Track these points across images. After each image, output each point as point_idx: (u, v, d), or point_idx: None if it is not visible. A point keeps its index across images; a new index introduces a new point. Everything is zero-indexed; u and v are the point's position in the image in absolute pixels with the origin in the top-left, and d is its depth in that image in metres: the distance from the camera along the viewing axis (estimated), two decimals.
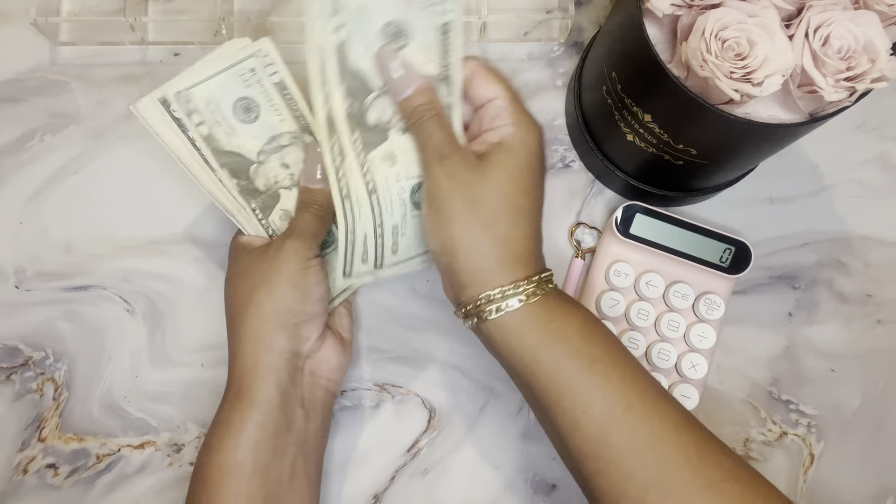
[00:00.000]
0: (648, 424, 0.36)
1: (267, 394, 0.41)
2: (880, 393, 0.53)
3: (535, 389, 0.38)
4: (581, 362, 0.37)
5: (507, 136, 0.39)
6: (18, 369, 0.51)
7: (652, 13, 0.39)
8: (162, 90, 0.42)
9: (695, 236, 0.51)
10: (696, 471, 0.35)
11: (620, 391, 0.36)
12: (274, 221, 0.47)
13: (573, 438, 0.37)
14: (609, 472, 0.36)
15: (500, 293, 0.37)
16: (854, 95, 0.37)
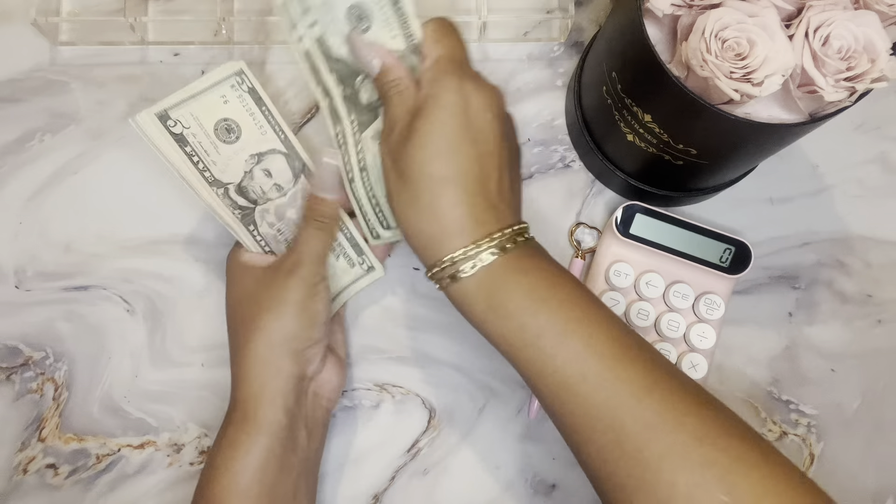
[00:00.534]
0: (604, 393, 0.34)
1: (275, 417, 0.41)
2: (880, 393, 0.53)
3: (497, 349, 0.38)
4: (525, 338, 0.36)
5: (421, 102, 0.38)
6: (18, 369, 0.51)
7: (652, 13, 0.39)
8: (160, 105, 0.43)
9: (695, 236, 0.51)
10: (654, 435, 0.33)
11: (572, 362, 0.35)
12: (266, 234, 0.47)
13: (540, 400, 0.37)
14: (569, 432, 0.36)
15: (438, 269, 0.37)
16: (854, 95, 0.37)
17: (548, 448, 0.52)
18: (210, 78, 0.44)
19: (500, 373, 0.52)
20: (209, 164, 0.44)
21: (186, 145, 0.43)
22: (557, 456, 0.51)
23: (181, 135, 0.43)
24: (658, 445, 0.33)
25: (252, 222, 0.46)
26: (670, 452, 0.33)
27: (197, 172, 0.44)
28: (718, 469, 0.33)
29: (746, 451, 0.34)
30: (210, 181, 0.44)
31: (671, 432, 0.34)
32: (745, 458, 0.33)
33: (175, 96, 0.43)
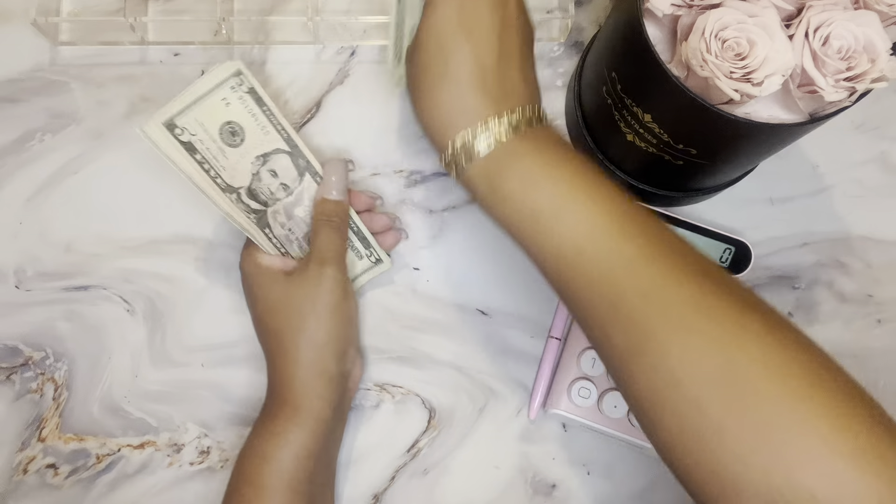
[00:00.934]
0: (599, 267, 0.35)
1: (323, 412, 0.44)
2: (880, 393, 0.53)
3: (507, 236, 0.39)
4: (523, 219, 0.37)
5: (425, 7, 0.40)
6: (18, 369, 0.51)
7: (652, 13, 0.39)
8: (163, 113, 0.42)
9: (695, 236, 0.51)
10: (650, 304, 0.34)
11: (568, 238, 0.36)
12: (279, 235, 0.47)
13: (540, 273, 0.38)
14: (572, 307, 0.37)
15: (450, 153, 0.38)
16: (854, 95, 0.37)
17: (548, 448, 0.52)
18: (209, 80, 0.43)
19: (500, 373, 0.52)
20: (219, 169, 0.44)
21: (196, 153, 0.43)
22: (557, 456, 0.51)
23: (189, 142, 0.43)
24: (652, 312, 0.34)
25: (266, 225, 0.46)
26: (664, 319, 0.33)
27: (209, 180, 0.44)
28: (712, 337, 0.32)
29: (747, 321, 0.33)
30: (223, 187, 0.44)
31: (666, 300, 0.34)
32: (746, 326, 0.33)
33: (178, 102, 0.42)
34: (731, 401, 0.31)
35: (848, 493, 0.29)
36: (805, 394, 0.31)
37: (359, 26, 0.56)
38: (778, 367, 0.32)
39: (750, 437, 0.31)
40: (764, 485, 0.30)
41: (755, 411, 0.31)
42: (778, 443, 0.30)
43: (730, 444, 0.31)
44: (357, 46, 0.56)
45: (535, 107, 0.39)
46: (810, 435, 0.30)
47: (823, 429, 0.30)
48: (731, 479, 0.31)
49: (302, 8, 0.55)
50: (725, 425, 0.31)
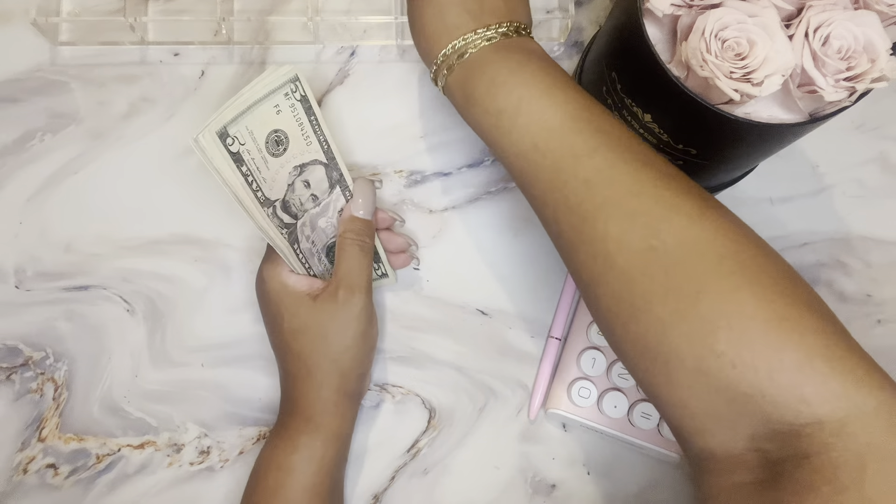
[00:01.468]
0: (552, 158, 0.37)
1: (344, 429, 0.47)
2: None
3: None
4: (489, 121, 0.39)
5: None
6: (18, 369, 0.51)
7: (652, 13, 0.39)
8: (218, 121, 0.39)
9: None
10: (593, 191, 0.35)
11: (525, 134, 0.37)
12: (304, 249, 0.47)
13: (513, 178, 0.40)
14: (531, 197, 0.39)
15: (436, 66, 0.41)
16: (854, 95, 0.37)
17: (548, 448, 0.52)
18: (265, 85, 0.40)
19: (500, 373, 0.52)
20: (260, 181, 0.42)
21: (242, 164, 0.40)
22: (557, 456, 0.51)
23: (238, 153, 0.40)
24: (594, 199, 0.35)
25: (296, 240, 0.45)
26: (605, 204, 0.35)
27: (251, 193, 0.41)
28: (648, 218, 0.34)
29: (682, 202, 0.34)
30: (262, 201, 0.42)
31: (607, 187, 0.35)
32: (678, 208, 0.34)
33: (232, 108, 0.39)
34: (659, 274, 0.33)
35: (762, 359, 0.30)
36: (729, 269, 0.32)
37: (359, 26, 0.56)
38: (706, 245, 0.33)
39: (674, 306, 0.32)
40: (688, 352, 0.32)
41: (682, 284, 0.32)
42: (702, 311, 0.32)
43: (656, 312, 0.33)
44: (357, 46, 0.56)
45: (515, 23, 0.41)
46: (731, 303, 0.32)
47: (746, 298, 0.31)
48: (657, 347, 0.33)
49: (302, 8, 0.55)
50: (653, 296, 0.33)
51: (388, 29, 0.55)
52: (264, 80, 0.40)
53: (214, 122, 0.38)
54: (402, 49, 0.56)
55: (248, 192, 0.41)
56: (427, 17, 0.41)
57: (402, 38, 0.55)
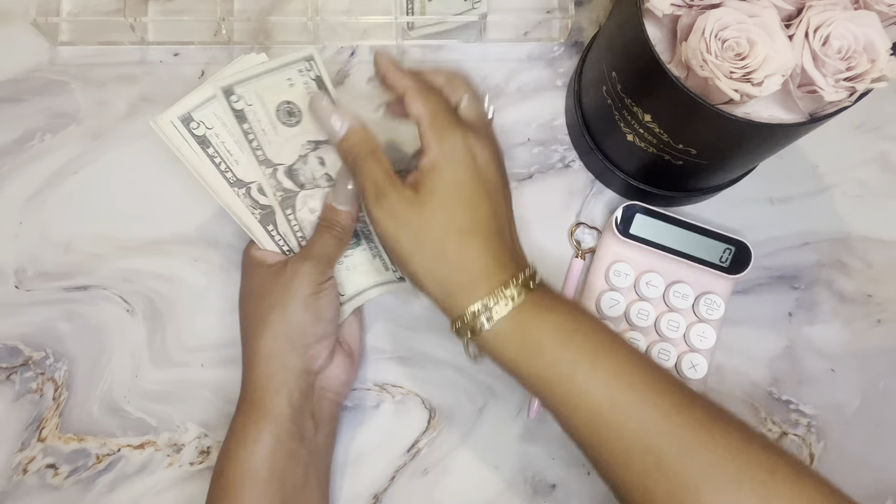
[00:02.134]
0: (637, 418, 0.36)
1: (280, 408, 0.43)
2: (880, 393, 0.53)
3: (531, 394, 0.39)
4: (558, 372, 0.37)
5: (430, 160, 0.39)
6: (18, 369, 0.51)
7: (652, 13, 0.39)
8: (182, 106, 0.42)
9: (695, 236, 0.51)
10: (691, 455, 0.35)
11: (604, 391, 0.36)
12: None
13: (570, 432, 0.38)
14: (608, 462, 0.37)
15: (470, 314, 0.38)
16: (854, 95, 0.37)
17: (548, 448, 0.52)
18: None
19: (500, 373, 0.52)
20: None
21: (209, 146, 0.43)
22: (557, 456, 0.51)
23: (203, 136, 0.43)
24: (696, 465, 0.35)
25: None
26: (708, 470, 0.34)
27: (218, 174, 0.44)
28: (754, 483, 0.34)
29: (775, 462, 0.35)
30: (232, 182, 0.44)
31: (706, 451, 0.35)
32: (777, 471, 0.35)
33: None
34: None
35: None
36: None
37: (359, 26, 0.56)
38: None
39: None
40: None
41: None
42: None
43: None
44: (357, 46, 0.56)
45: (532, 266, 0.40)
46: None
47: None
48: None
49: (302, 8, 0.55)
50: None
51: (388, 29, 0.55)
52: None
53: (177, 108, 0.41)
54: (402, 49, 0.56)
55: (214, 172, 0.44)
56: (458, 254, 0.38)
57: (402, 38, 0.55)
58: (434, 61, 0.56)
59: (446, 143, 0.39)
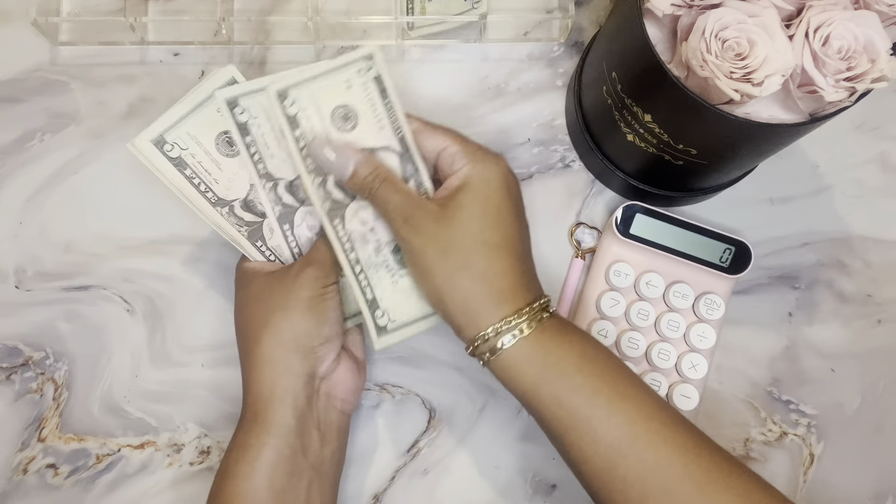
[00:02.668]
0: (655, 454, 0.35)
1: (284, 418, 0.41)
2: (880, 393, 0.53)
3: (543, 422, 0.38)
4: (582, 398, 0.37)
5: (466, 177, 0.39)
6: (18, 369, 0.51)
7: (652, 13, 0.39)
8: (154, 129, 0.42)
9: (695, 236, 0.51)
10: (707, 497, 0.35)
11: (625, 423, 0.36)
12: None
13: (583, 469, 0.37)
14: (617, 491, 0.36)
15: (492, 331, 0.38)
16: (854, 95, 0.37)
17: (547, 448, 0.51)
18: (204, 91, 0.43)
19: None
20: (210, 183, 0.44)
21: (186, 168, 0.43)
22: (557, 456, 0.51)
23: (179, 158, 0.43)
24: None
25: (260, 237, 0.46)
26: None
27: (198, 195, 0.44)
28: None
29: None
30: (213, 202, 0.44)
31: (722, 493, 0.35)
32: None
33: (169, 116, 0.42)
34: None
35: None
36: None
37: (359, 26, 0.56)
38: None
39: None
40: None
41: None
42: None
43: None
44: (357, 46, 0.56)
45: (543, 298, 0.40)
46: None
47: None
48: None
49: (302, 8, 0.55)
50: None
51: (388, 29, 0.55)
52: (204, 85, 0.43)
53: (149, 130, 0.42)
54: (402, 49, 0.56)
55: (194, 193, 0.44)
56: (499, 270, 0.38)
57: (402, 38, 0.55)
58: (434, 61, 0.56)
59: (480, 163, 0.40)
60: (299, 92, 0.40)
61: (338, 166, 0.41)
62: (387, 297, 0.44)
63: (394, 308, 0.44)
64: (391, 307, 0.44)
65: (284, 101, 0.40)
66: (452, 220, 0.39)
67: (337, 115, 0.42)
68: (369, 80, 0.41)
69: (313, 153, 0.41)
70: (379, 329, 0.44)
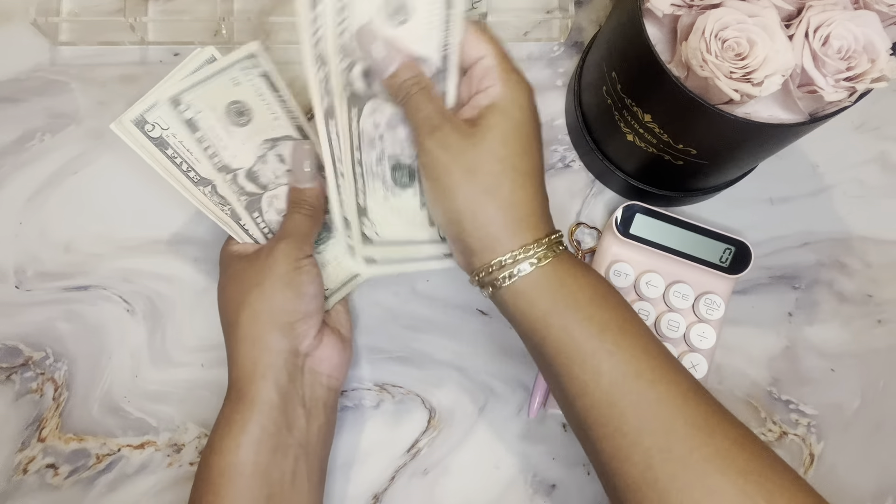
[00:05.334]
0: (655, 392, 0.35)
1: (266, 394, 0.41)
2: (880, 393, 0.53)
3: (546, 354, 0.38)
4: (591, 329, 0.36)
5: (497, 97, 0.38)
6: (18, 369, 0.51)
7: (652, 13, 0.39)
8: (136, 108, 0.42)
9: (695, 236, 0.51)
10: (703, 438, 0.35)
11: (630, 359, 0.36)
12: (271, 221, 0.47)
13: (581, 403, 0.37)
14: (615, 437, 0.36)
15: (510, 258, 0.37)
16: (854, 95, 0.37)
17: (548, 448, 0.52)
18: (221, 61, 0.43)
19: (500, 373, 0.52)
20: (192, 162, 0.44)
21: (167, 148, 0.43)
22: (557, 456, 0.51)
23: (160, 138, 0.43)
24: (706, 448, 0.34)
25: (258, 209, 0.46)
26: (716, 456, 0.34)
27: (181, 174, 0.44)
28: (758, 476, 0.34)
29: (774, 461, 0.35)
30: (196, 181, 0.44)
31: (717, 435, 0.35)
32: (776, 469, 0.35)
33: (150, 97, 0.42)
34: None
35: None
36: None
37: None
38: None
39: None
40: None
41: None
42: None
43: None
44: None
45: (557, 232, 0.40)
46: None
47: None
48: None
49: None
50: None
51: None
52: (222, 59, 0.43)
53: (131, 111, 0.42)
54: None
55: (177, 172, 0.44)
56: (525, 196, 0.38)
57: None
58: None
59: (513, 84, 0.38)
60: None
61: (383, 63, 0.39)
62: (377, 209, 0.43)
63: (381, 223, 0.43)
64: (379, 221, 0.43)
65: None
66: (482, 141, 0.37)
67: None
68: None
69: (361, 42, 0.39)
70: (365, 238, 0.43)
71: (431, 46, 0.39)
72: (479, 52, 0.39)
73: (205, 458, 0.42)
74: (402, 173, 0.43)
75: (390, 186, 0.43)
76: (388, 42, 0.39)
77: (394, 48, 0.39)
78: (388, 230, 0.44)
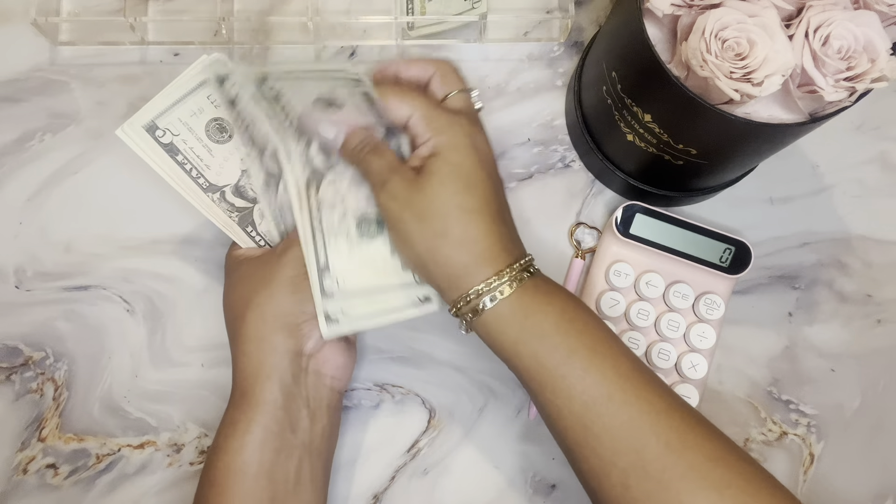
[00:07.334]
0: (628, 413, 0.36)
1: (270, 395, 0.42)
2: (880, 393, 0.53)
3: (522, 379, 0.39)
4: (558, 357, 0.37)
5: (433, 146, 0.40)
6: (18, 369, 0.51)
7: (652, 13, 0.39)
8: (145, 114, 0.43)
9: (695, 236, 0.51)
10: (676, 455, 0.35)
11: (600, 382, 0.37)
12: (265, 232, 0.47)
13: (558, 426, 0.38)
14: (591, 459, 0.37)
15: (474, 293, 0.38)
16: (854, 95, 0.37)
17: (547, 448, 0.52)
18: (193, 78, 0.43)
19: (500, 373, 0.52)
20: (202, 168, 0.44)
21: (178, 154, 0.44)
22: (557, 456, 0.51)
23: (171, 144, 0.43)
24: (679, 466, 0.35)
25: (250, 222, 0.46)
26: (690, 473, 0.35)
27: (190, 180, 0.44)
28: (734, 490, 0.34)
29: (753, 473, 0.35)
30: (204, 187, 0.45)
31: (691, 452, 0.35)
32: (753, 481, 0.35)
33: (160, 101, 0.43)
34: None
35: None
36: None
37: (359, 26, 0.56)
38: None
39: None
40: None
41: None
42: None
43: None
44: (357, 46, 0.56)
45: (524, 258, 0.40)
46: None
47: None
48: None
49: (302, 8, 0.55)
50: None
51: (388, 29, 0.55)
52: (190, 73, 0.43)
53: (140, 116, 0.42)
54: (402, 49, 0.56)
55: (186, 178, 0.44)
56: (476, 233, 0.39)
57: (402, 38, 0.55)
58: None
59: (444, 132, 0.40)
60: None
61: (327, 137, 0.42)
62: (340, 265, 0.44)
63: (344, 276, 0.44)
64: (341, 275, 0.44)
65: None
66: (427, 187, 0.39)
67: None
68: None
69: (302, 124, 0.42)
70: (324, 293, 0.43)
71: (371, 118, 0.42)
72: (404, 112, 0.41)
73: (210, 458, 0.42)
74: (369, 225, 0.44)
75: (354, 240, 0.44)
76: (332, 118, 0.42)
77: (339, 122, 0.42)
78: (354, 280, 0.44)
